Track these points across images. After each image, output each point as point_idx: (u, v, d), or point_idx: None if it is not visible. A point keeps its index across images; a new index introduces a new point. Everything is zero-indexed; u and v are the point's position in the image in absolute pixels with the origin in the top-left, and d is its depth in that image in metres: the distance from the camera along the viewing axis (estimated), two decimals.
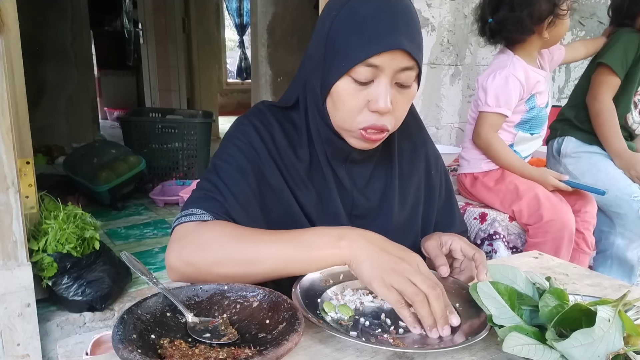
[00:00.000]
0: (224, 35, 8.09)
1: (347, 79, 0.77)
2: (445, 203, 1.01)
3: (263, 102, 0.92)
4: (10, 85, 1.62)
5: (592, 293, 0.84)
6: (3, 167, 1.59)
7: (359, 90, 0.78)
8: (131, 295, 2.13)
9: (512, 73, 1.66)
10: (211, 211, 0.78)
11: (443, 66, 2.74)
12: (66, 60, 4.68)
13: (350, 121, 0.80)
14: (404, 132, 0.94)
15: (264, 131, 0.86)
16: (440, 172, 1.01)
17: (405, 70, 0.77)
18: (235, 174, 0.82)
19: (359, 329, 0.68)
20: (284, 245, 0.73)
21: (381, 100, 0.76)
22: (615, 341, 0.55)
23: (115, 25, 8.09)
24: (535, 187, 1.67)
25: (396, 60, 0.75)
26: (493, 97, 1.67)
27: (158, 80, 6.18)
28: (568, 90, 3.43)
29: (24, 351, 1.73)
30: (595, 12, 3.27)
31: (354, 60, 0.75)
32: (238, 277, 0.73)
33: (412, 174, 0.95)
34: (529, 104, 1.72)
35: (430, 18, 2.63)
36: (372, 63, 0.75)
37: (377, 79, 0.77)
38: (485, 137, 1.71)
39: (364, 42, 0.75)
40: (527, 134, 1.76)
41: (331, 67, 0.79)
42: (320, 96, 0.83)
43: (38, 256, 1.83)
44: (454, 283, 0.80)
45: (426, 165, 0.98)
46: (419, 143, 0.99)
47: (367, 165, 0.91)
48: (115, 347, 0.55)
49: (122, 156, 3.33)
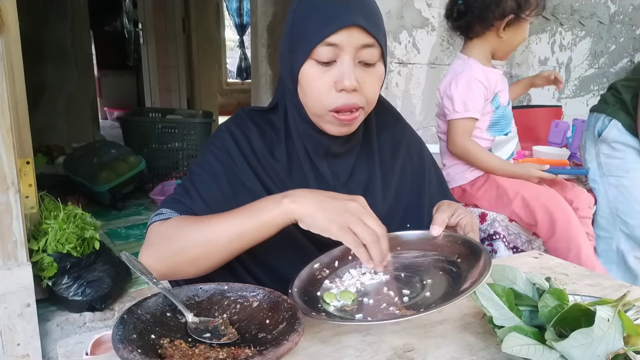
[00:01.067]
0: (224, 35, 8.08)
1: (311, 62, 0.81)
2: (439, 188, 1.03)
3: (243, 108, 0.97)
4: (10, 85, 1.63)
5: (592, 293, 0.84)
6: (3, 167, 1.59)
7: (324, 72, 0.81)
8: (131, 295, 2.13)
9: (472, 76, 1.66)
10: (180, 211, 0.83)
11: (443, 66, 2.74)
12: (66, 60, 4.68)
13: (320, 104, 0.82)
14: (382, 124, 0.99)
15: (240, 137, 0.90)
16: (427, 159, 1.04)
17: (366, 48, 0.80)
18: (207, 179, 0.86)
19: (364, 310, 0.69)
20: (234, 217, 0.77)
21: (345, 77, 0.79)
22: (615, 341, 0.55)
23: (115, 25, 8.09)
24: (520, 190, 1.67)
25: (354, 37, 0.79)
26: (460, 103, 1.66)
27: (158, 80, 6.18)
28: (568, 90, 3.43)
29: (24, 351, 1.73)
30: (595, 12, 3.27)
31: (313, 42, 0.79)
32: (202, 258, 0.77)
33: (395, 163, 0.98)
34: (494, 103, 1.71)
35: (430, 18, 2.63)
36: (331, 42, 0.79)
37: (339, 59, 0.80)
38: (461, 144, 1.69)
39: (320, 23, 0.79)
40: (502, 136, 1.75)
41: (296, 55, 0.83)
42: (292, 86, 0.86)
43: (38, 256, 1.83)
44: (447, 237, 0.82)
45: (408, 153, 1.01)
46: (398, 132, 1.02)
47: (349, 159, 0.93)
48: (115, 347, 0.55)
49: (122, 156, 3.33)
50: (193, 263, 0.77)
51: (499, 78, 1.72)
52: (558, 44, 3.30)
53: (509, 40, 1.68)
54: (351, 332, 0.69)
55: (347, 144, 0.91)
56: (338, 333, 0.69)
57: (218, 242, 0.76)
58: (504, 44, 1.69)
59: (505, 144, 1.77)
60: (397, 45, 2.61)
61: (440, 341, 0.67)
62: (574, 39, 3.34)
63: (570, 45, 3.36)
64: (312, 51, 0.80)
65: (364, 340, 0.67)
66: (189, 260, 0.77)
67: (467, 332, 0.70)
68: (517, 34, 1.67)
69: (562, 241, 1.59)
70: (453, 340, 0.68)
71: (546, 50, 3.26)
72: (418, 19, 2.63)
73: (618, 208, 1.88)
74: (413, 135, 1.05)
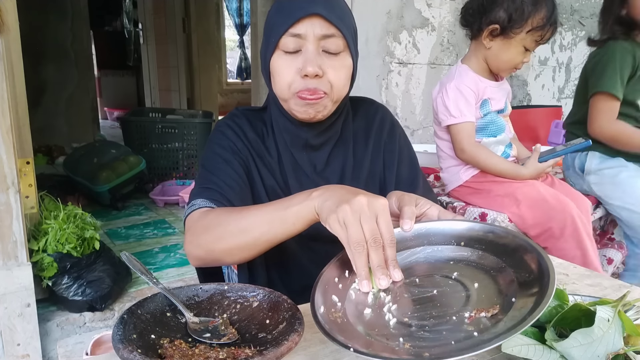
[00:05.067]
0: (224, 35, 8.08)
1: (278, 53, 0.88)
2: (410, 171, 1.03)
3: (237, 107, 1.03)
4: (10, 85, 1.63)
5: (592, 293, 0.84)
6: (3, 167, 1.59)
7: (290, 61, 0.87)
8: (131, 295, 2.13)
9: (461, 82, 1.66)
10: (210, 198, 0.87)
11: (443, 66, 2.74)
12: (66, 60, 4.68)
13: (287, 89, 0.88)
14: (356, 110, 1.04)
15: (237, 129, 0.97)
16: (399, 139, 1.05)
17: (329, 38, 0.86)
18: (222, 165, 0.93)
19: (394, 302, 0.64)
20: (266, 210, 0.78)
21: (307, 64, 0.85)
22: (615, 341, 0.55)
23: (115, 25, 8.09)
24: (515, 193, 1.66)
25: (316, 27, 0.85)
26: (455, 109, 1.66)
27: (158, 80, 6.18)
28: (568, 90, 3.43)
29: (24, 351, 1.73)
30: (595, 12, 3.27)
31: (279, 33, 0.86)
32: (237, 248, 0.79)
33: (367, 146, 1.02)
34: (483, 109, 1.71)
35: (430, 18, 2.63)
36: (294, 32, 0.85)
37: (303, 48, 0.86)
38: (469, 150, 1.68)
39: (284, 16, 0.86)
40: (491, 138, 1.74)
41: (267, 47, 0.90)
42: (266, 79, 0.93)
43: (38, 256, 1.83)
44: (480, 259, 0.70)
45: (379, 130, 1.04)
46: (371, 113, 1.05)
47: (325, 149, 0.99)
48: (116, 347, 0.55)
49: (122, 156, 3.33)
50: (228, 253, 0.81)
51: (488, 86, 1.70)
52: (558, 44, 3.31)
53: (495, 53, 1.63)
54: None
55: (323, 135, 0.96)
56: None
57: (250, 232, 0.78)
58: (491, 56, 1.65)
59: (493, 146, 1.75)
60: (397, 45, 2.61)
61: None
62: (574, 39, 3.34)
63: (570, 45, 3.37)
64: (279, 42, 0.86)
65: None
66: (226, 249, 0.80)
67: None
68: (503, 50, 1.61)
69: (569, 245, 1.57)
70: None
71: (546, 50, 3.26)
72: (418, 19, 2.63)
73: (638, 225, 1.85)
74: (385, 115, 1.07)
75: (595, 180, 1.93)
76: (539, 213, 1.62)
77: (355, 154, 1.01)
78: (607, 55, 1.84)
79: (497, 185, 1.71)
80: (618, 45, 1.83)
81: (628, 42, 1.84)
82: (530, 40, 1.58)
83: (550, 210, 1.60)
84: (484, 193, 1.74)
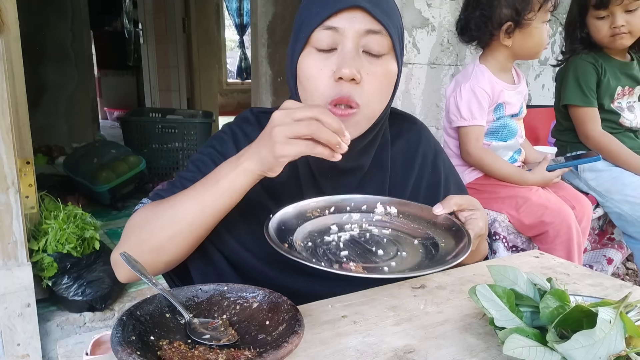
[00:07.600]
0: (224, 35, 8.08)
1: (310, 50, 0.74)
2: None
3: (252, 109, 0.90)
4: (10, 85, 1.62)
5: (593, 293, 0.84)
6: (3, 167, 1.59)
7: (323, 60, 0.73)
8: (131, 295, 2.13)
9: (477, 84, 1.64)
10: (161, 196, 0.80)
11: (443, 66, 2.74)
12: (66, 60, 4.68)
13: (318, 96, 0.74)
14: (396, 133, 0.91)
15: (243, 142, 0.82)
16: (442, 167, 0.95)
17: (372, 35, 0.72)
18: (196, 176, 0.80)
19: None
20: (194, 192, 0.72)
21: (344, 64, 0.71)
22: (617, 343, 0.55)
23: (115, 25, 8.09)
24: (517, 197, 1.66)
25: (356, 21, 0.71)
26: (467, 111, 1.65)
27: (158, 80, 6.18)
28: None
29: (24, 351, 1.72)
30: None
31: (312, 26, 0.73)
32: (168, 242, 0.71)
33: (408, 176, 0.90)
34: (497, 113, 1.70)
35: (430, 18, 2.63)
36: (330, 25, 0.72)
37: (340, 46, 0.73)
38: (475, 154, 1.68)
39: (320, 6, 0.72)
40: (501, 142, 1.74)
41: (296, 44, 0.76)
42: (292, 84, 0.79)
43: (38, 256, 1.83)
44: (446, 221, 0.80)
45: (422, 163, 0.92)
46: (413, 140, 0.93)
47: (357, 174, 0.85)
48: (115, 350, 0.54)
49: (122, 156, 3.33)
50: (158, 251, 0.72)
51: (505, 90, 1.69)
52: (558, 43, 3.30)
53: (519, 46, 1.63)
54: (351, 333, 0.68)
55: (354, 160, 0.80)
56: (338, 334, 0.68)
57: (182, 220, 0.71)
58: (517, 50, 1.65)
59: (503, 150, 1.75)
60: None
61: (441, 342, 0.67)
62: None
63: None
64: (311, 36, 0.73)
65: (364, 341, 0.67)
66: (154, 248, 0.72)
67: (468, 333, 0.70)
68: (527, 39, 1.61)
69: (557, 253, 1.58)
70: (454, 341, 0.67)
71: (546, 50, 3.26)
72: (418, 19, 2.63)
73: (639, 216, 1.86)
74: (429, 141, 0.95)
75: (592, 177, 1.93)
76: (537, 219, 1.62)
77: (393, 184, 0.87)
78: (568, 70, 1.93)
79: (500, 187, 1.70)
80: (578, 58, 1.92)
81: (590, 55, 1.92)
82: (544, 13, 1.58)
83: (548, 216, 1.60)
84: (486, 195, 1.73)
